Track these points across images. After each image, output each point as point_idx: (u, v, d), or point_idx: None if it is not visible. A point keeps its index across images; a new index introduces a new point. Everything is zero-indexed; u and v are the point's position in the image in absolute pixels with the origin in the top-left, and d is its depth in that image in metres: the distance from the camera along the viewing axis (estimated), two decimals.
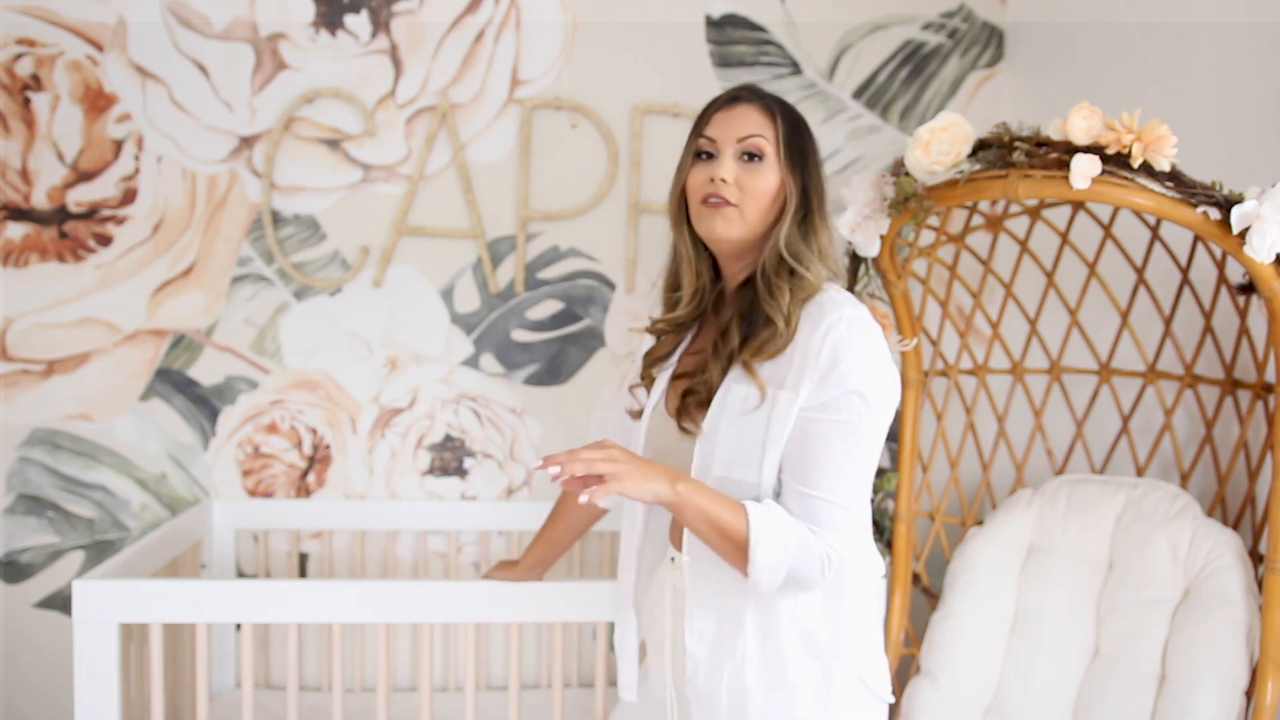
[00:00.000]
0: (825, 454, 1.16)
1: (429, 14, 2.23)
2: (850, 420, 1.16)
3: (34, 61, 2.15)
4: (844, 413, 1.16)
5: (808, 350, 1.18)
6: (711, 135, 1.27)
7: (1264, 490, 1.66)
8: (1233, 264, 1.67)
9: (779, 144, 1.25)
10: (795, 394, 1.17)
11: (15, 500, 2.21)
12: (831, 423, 1.16)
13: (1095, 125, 1.45)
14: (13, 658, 2.21)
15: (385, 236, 2.26)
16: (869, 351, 1.18)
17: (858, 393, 1.16)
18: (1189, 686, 1.56)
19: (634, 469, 1.12)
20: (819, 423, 1.17)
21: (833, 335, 1.17)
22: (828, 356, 1.17)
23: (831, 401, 1.16)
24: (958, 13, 2.39)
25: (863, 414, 1.17)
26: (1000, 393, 2.18)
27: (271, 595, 1.59)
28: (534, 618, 1.63)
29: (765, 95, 1.29)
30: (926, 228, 1.88)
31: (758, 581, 1.15)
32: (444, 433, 2.32)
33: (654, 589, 1.35)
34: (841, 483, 1.17)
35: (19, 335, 2.18)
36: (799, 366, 1.18)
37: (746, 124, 1.26)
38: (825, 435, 1.16)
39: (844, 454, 1.17)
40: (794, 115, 1.29)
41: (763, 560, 1.13)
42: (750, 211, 1.24)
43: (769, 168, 1.25)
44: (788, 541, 1.14)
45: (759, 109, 1.27)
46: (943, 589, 1.94)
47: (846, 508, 1.17)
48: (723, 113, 1.28)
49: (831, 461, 1.16)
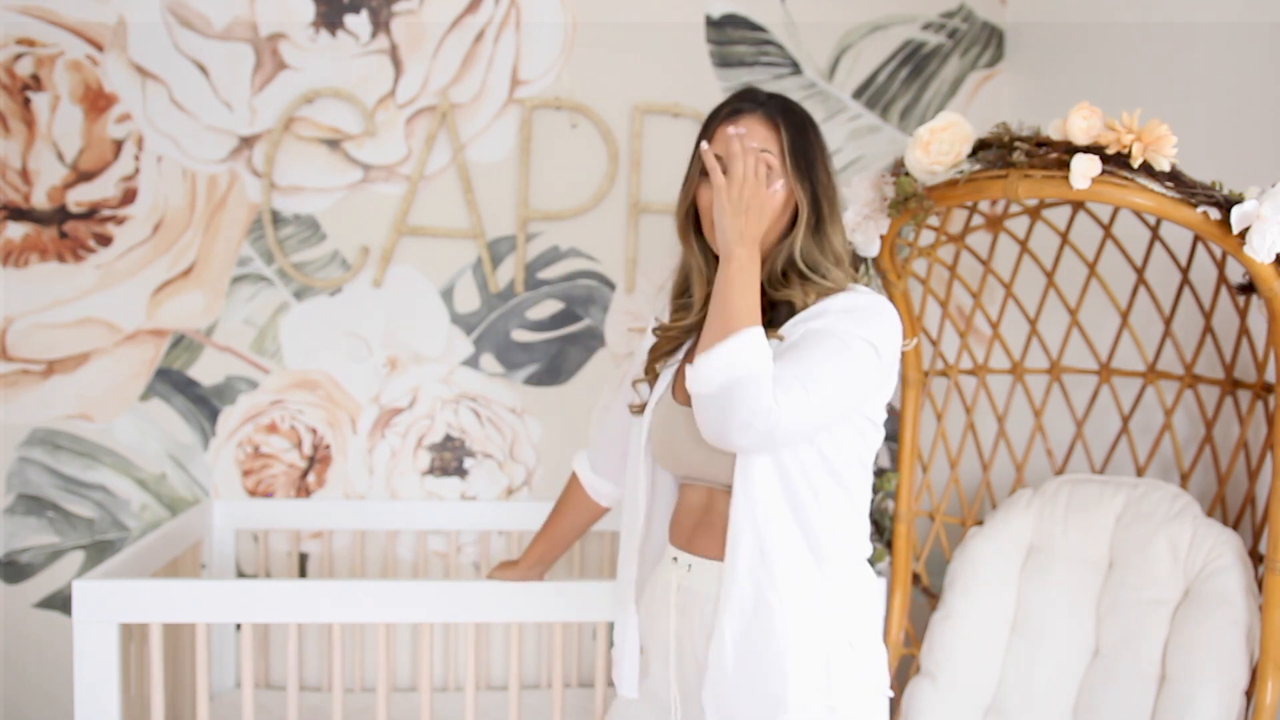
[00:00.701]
0: (812, 353, 1.18)
1: (429, 14, 2.23)
2: (850, 345, 1.19)
3: (34, 61, 2.15)
4: (848, 339, 1.19)
5: (824, 309, 1.22)
6: (717, 153, 1.27)
7: (1264, 490, 1.66)
8: (1233, 264, 1.67)
9: (784, 154, 1.26)
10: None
11: (15, 500, 2.21)
12: (830, 337, 1.19)
13: (1095, 125, 1.45)
14: (13, 658, 2.21)
15: (385, 236, 2.26)
16: (887, 318, 1.23)
17: (868, 340, 1.19)
18: (1189, 686, 1.56)
19: (735, 205, 1.16)
20: (819, 334, 1.19)
21: (847, 298, 1.23)
22: (842, 305, 1.22)
23: (840, 330, 1.19)
24: (958, 13, 2.39)
25: (865, 354, 1.19)
26: (1000, 393, 2.18)
27: (271, 595, 1.59)
28: (534, 618, 1.63)
29: (767, 101, 1.29)
30: (926, 228, 1.88)
31: (703, 365, 1.15)
32: (444, 433, 2.32)
33: (656, 588, 1.35)
34: (814, 374, 1.16)
35: (19, 335, 2.18)
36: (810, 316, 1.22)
37: (752, 138, 1.25)
38: (820, 343, 1.19)
39: (830, 361, 1.17)
40: (799, 119, 1.29)
41: (724, 353, 1.13)
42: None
43: (776, 179, 1.25)
44: (752, 367, 1.13)
45: (762, 120, 1.27)
46: (943, 589, 1.94)
47: (808, 396, 1.15)
48: (727, 127, 1.27)
49: (814, 359, 1.17)
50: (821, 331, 1.20)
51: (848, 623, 1.24)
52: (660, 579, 1.34)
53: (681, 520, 1.34)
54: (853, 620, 1.25)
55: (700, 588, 1.27)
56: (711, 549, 1.27)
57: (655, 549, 1.39)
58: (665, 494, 1.39)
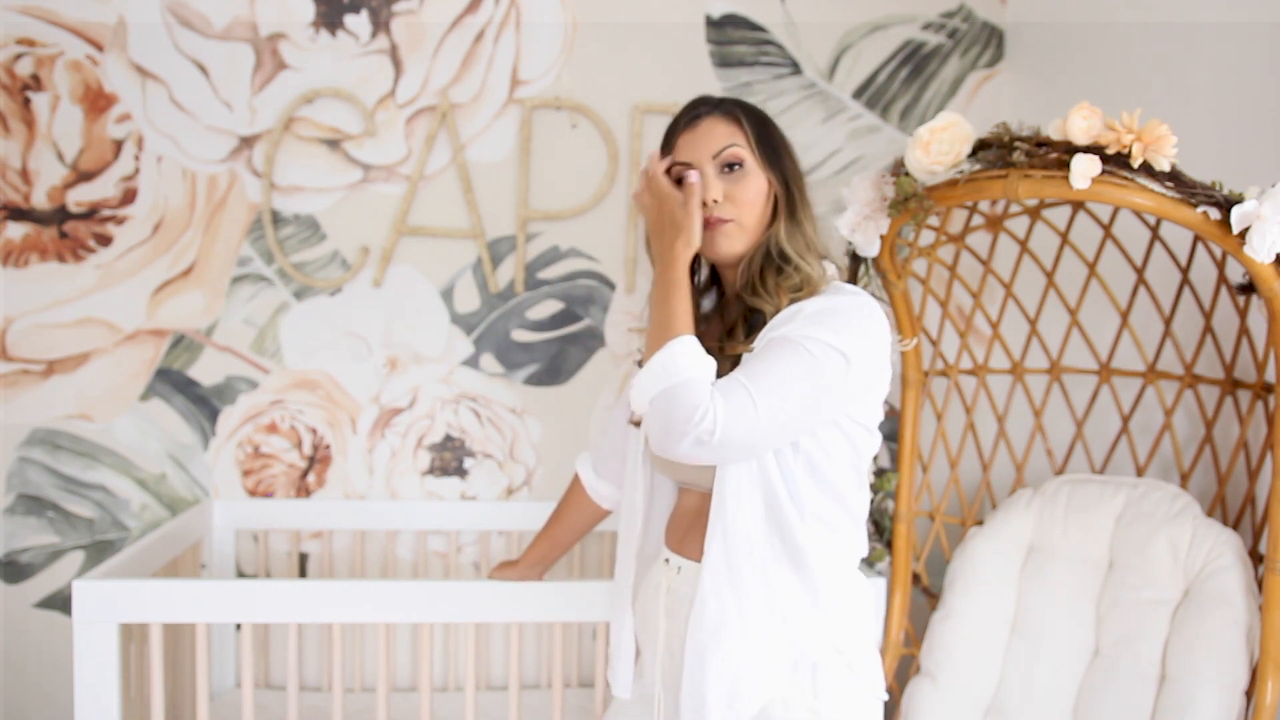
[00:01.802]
0: (767, 359, 1.15)
1: (429, 14, 2.23)
2: (806, 349, 1.15)
3: (34, 61, 2.15)
4: (802, 343, 1.15)
5: (797, 312, 1.19)
6: (684, 160, 1.27)
7: (1264, 490, 1.66)
8: (1233, 264, 1.67)
9: (753, 146, 1.27)
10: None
11: (15, 500, 2.21)
12: (789, 343, 1.15)
13: (1095, 125, 1.45)
14: (13, 658, 2.22)
15: (385, 236, 2.26)
16: (855, 316, 1.19)
17: (826, 343, 1.15)
18: (1189, 686, 1.56)
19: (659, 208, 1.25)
20: (780, 341, 1.16)
21: (823, 301, 1.20)
22: (815, 307, 1.18)
23: (803, 335, 1.15)
24: (958, 13, 2.39)
25: (820, 354, 1.15)
26: (1000, 393, 2.18)
27: (271, 595, 1.59)
28: (534, 618, 1.63)
29: (724, 101, 1.30)
30: (926, 228, 1.88)
31: (639, 380, 1.16)
32: (444, 433, 2.32)
33: (648, 590, 1.35)
34: (763, 379, 1.13)
35: (19, 335, 2.18)
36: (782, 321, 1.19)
37: (716, 137, 1.26)
38: (777, 349, 1.16)
39: (784, 365, 1.14)
40: (757, 113, 1.31)
41: (658, 363, 1.14)
42: (747, 220, 1.27)
43: (751, 172, 1.26)
44: (686, 373, 1.13)
45: (723, 118, 1.28)
46: (943, 589, 1.94)
47: (754, 401, 1.12)
48: (687, 134, 1.29)
49: (769, 365, 1.14)
50: (784, 339, 1.16)
51: (834, 628, 1.23)
52: (652, 581, 1.35)
53: (676, 523, 1.35)
54: (840, 625, 1.24)
55: (686, 590, 1.28)
56: (697, 552, 1.27)
57: (652, 552, 1.39)
58: (664, 498, 1.40)
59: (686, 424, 1.11)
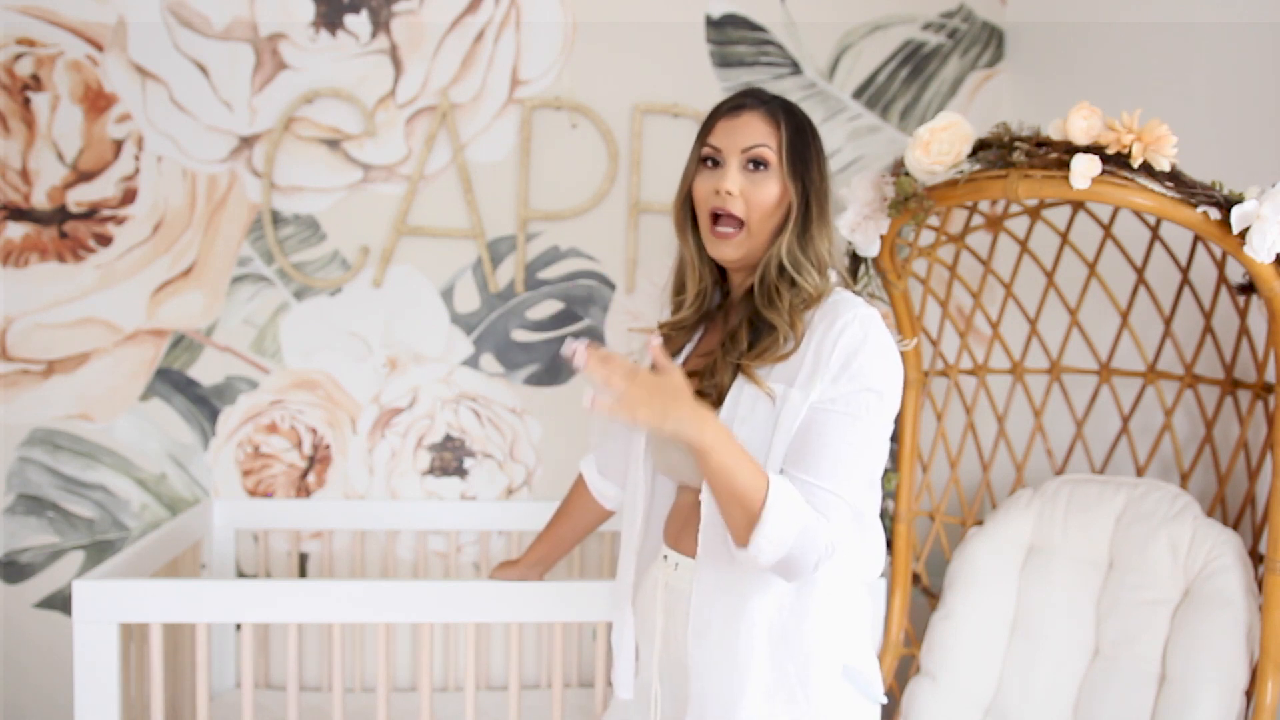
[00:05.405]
0: (832, 444, 1.15)
1: (429, 14, 2.23)
2: (859, 415, 1.16)
3: (34, 61, 2.15)
4: (854, 406, 1.16)
5: (820, 350, 1.18)
6: (716, 144, 1.27)
7: (1264, 490, 1.66)
8: (1233, 264, 1.67)
9: (781, 151, 1.26)
10: (806, 393, 1.17)
11: (15, 500, 2.21)
12: (842, 415, 1.16)
13: (1095, 125, 1.45)
14: (13, 658, 2.21)
15: (385, 236, 2.26)
16: (882, 351, 1.19)
17: (871, 389, 1.17)
18: (1189, 686, 1.56)
19: (651, 399, 1.06)
20: (829, 414, 1.16)
21: (847, 335, 1.18)
22: (840, 356, 1.17)
23: (843, 396, 1.16)
24: (958, 13, 2.39)
25: (873, 410, 1.17)
26: (1000, 393, 2.18)
27: (271, 595, 1.59)
28: (534, 618, 1.63)
29: (770, 100, 1.29)
30: (926, 228, 1.88)
31: (756, 554, 1.11)
32: (444, 433, 2.32)
33: (647, 586, 1.35)
34: (844, 474, 1.16)
35: (19, 335, 2.18)
36: (810, 366, 1.18)
37: (751, 133, 1.26)
38: (834, 427, 1.16)
39: (851, 446, 1.16)
40: (798, 120, 1.29)
41: (769, 534, 1.10)
42: (755, 224, 1.26)
43: (772, 176, 1.26)
44: (797, 523, 1.11)
45: (763, 116, 1.27)
46: (943, 589, 1.94)
47: (847, 500, 1.16)
48: (727, 120, 1.28)
49: (838, 452, 1.15)
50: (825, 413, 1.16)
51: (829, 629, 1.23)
52: (651, 578, 1.35)
53: (674, 519, 1.35)
54: (836, 627, 1.24)
55: (683, 586, 1.28)
56: (693, 548, 1.28)
57: (652, 550, 1.39)
58: (664, 498, 1.39)
59: (818, 561, 1.14)
